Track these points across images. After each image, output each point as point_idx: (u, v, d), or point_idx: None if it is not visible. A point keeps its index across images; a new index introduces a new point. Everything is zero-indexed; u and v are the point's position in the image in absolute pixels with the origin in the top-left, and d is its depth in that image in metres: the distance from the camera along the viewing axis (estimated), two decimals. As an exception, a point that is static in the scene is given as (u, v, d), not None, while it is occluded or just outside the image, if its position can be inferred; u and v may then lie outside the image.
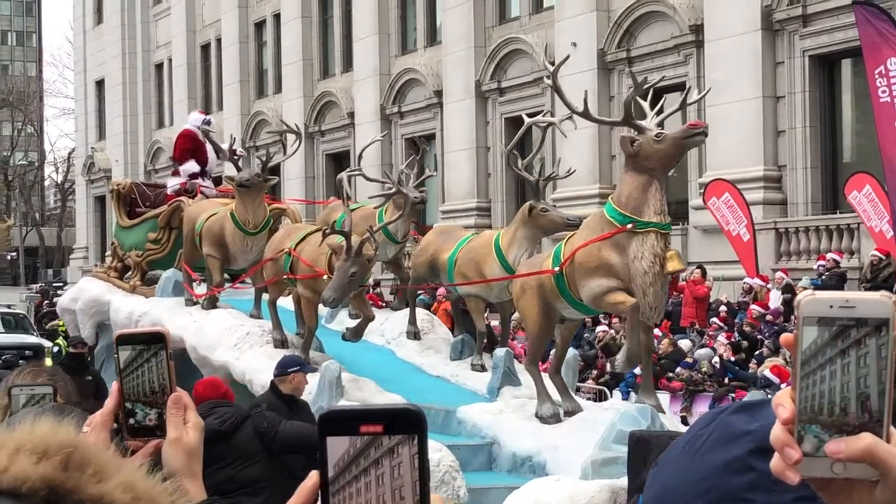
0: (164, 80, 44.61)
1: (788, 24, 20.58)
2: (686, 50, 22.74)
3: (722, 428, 1.36)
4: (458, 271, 10.88)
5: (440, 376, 11.51)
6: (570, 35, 24.81)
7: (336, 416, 1.17)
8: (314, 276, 10.76)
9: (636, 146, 8.59)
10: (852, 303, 1.09)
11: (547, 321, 9.50)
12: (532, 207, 10.05)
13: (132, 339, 1.71)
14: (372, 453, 1.16)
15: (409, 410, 1.17)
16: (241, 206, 12.50)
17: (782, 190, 20.78)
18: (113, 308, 14.90)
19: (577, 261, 8.97)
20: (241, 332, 11.88)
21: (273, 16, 37.19)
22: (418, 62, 30.47)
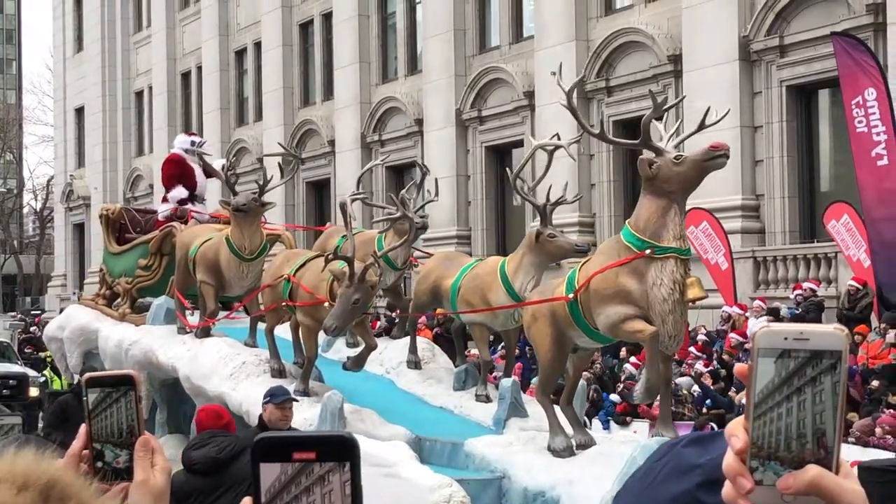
0: (144, 107, 44.60)
1: (766, 55, 20.77)
2: (665, 80, 22.91)
3: (675, 460, 1.38)
4: (462, 298, 10.54)
5: (443, 407, 11.16)
6: (550, 65, 24.86)
7: (269, 443, 1.18)
8: (315, 303, 10.43)
9: (654, 169, 8.24)
10: (806, 335, 1.11)
11: (560, 350, 9.12)
12: (539, 233, 9.71)
13: (101, 382, 1.71)
14: (303, 481, 1.17)
15: (343, 438, 1.18)
16: (236, 230, 12.05)
17: (760, 219, 20.91)
18: (101, 336, 14.52)
19: (592, 287, 8.61)
20: (237, 362, 11.52)
21: (254, 44, 37.27)
22: (399, 91, 30.57)
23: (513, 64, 26.85)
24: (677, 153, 8.29)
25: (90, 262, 46.16)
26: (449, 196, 28.01)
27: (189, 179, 15.24)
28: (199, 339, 12.49)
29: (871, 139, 16.36)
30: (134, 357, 13.12)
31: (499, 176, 28.29)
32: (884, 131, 16.13)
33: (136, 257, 15.14)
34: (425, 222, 11.46)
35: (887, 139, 16.14)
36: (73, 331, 15.52)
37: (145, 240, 15.10)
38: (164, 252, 14.69)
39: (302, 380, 10.69)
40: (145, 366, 12.95)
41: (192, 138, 16.04)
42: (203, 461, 6.79)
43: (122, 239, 15.92)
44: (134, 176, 44.68)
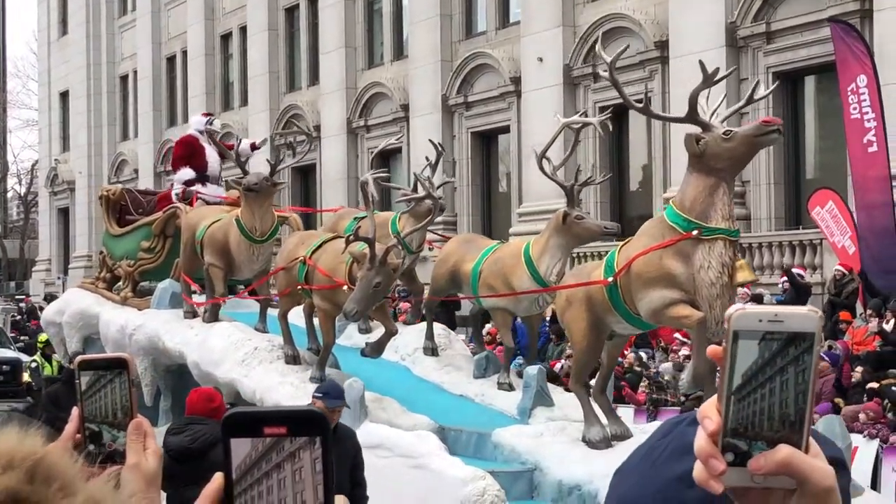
0: (129, 92, 44.44)
1: (752, 41, 20.80)
2: (651, 66, 22.93)
3: (679, 439, 1.37)
4: (484, 283, 10.12)
5: (464, 395, 10.74)
6: (537, 50, 24.96)
7: (240, 418, 1.17)
8: (333, 286, 10.01)
9: (702, 145, 7.81)
10: (781, 317, 1.11)
11: (596, 336, 8.73)
12: (566, 214, 9.33)
13: (94, 365, 1.71)
14: (274, 457, 1.16)
15: (313, 413, 1.17)
16: (247, 211, 11.62)
17: (746, 206, 20.96)
18: (102, 321, 14.12)
19: (634, 270, 8.19)
20: (248, 347, 11.09)
21: (239, 28, 37.14)
22: (385, 76, 30.51)
23: (499, 49, 26.82)
24: (726, 128, 7.89)
25: (75, 246, 46.02)
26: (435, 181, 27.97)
27: (198, 160, 14.82)
28: (207, 323, 12.11)
29: (863, 125, 16.43)
30: (138, 342, 12.81)
31: (485, 162, 28.29)
32: (874, 118, 16.22)
33: (139, 239, 14.77)
34: (443, 204, 10.98)
35: (876, 126, 16.22)
36: (73, 315, 15.16)
37: (148, 221, 14.76)
38: (168, 234, 14.35)
39: (318, 367, 10.35)
40: (150, 351, 12.69)
41: (207, 118, 15.56)
42: (176, 449, 6.74)
43: (122, 221, 15.54)
44: (119, 160, 44.55)
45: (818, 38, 19.51)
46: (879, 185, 16.31)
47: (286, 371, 10.62)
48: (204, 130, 14.83)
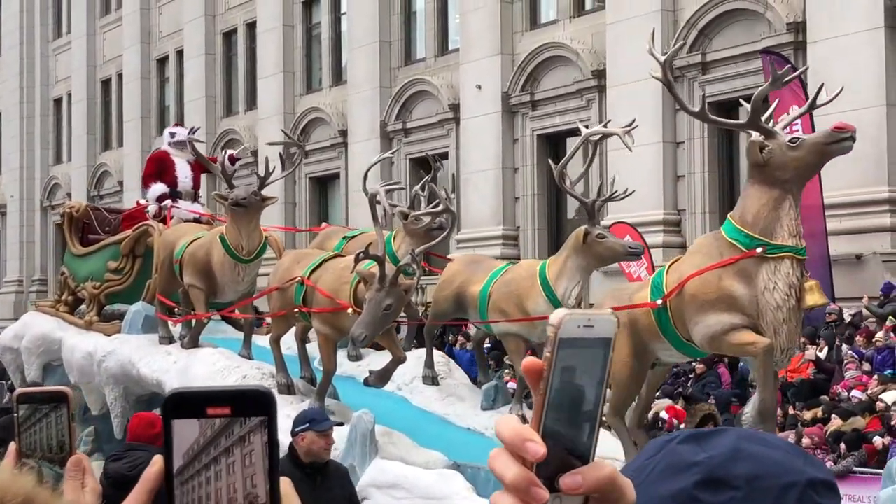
0: (63, 115, 43.92)
1: (688, 71, 21.05)
2: (588, 95, 23.11)
3: (670, 457, 1.34)
4: (495, 307, 9.31)
5: (472, 429, 9.91)
6: (475, 77, 25.07)
7: (181, 398, 1.13)
8: (336, 309, 9.21)
9: (766, 153, 7.17)
10: (592, 322, 1.08)
11: (639, 365, 7.98)
12: (587, 233, 8.62)
13: (33, 398, 1.67)
14: (223, 442, 1.14)
15: (258, 391, 1.14)
16: (233, 228, 10.69)
17: (681, 233, 21.15)
18: (66, 347, 13.16)
19: (689, 292, 7.48)
20: (236, 375, 10.13)
21: (176, 52, 36.91)
22: (323, 101, 30.46)
23: (438, 76, 26.89)
24: (793, 136, 7.37)
25: (5, 271, 45.26)
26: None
27: (168, 175, 13.99)
28: (187, 349, 11.23)
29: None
30: (108, 370, 11.98)
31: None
32: (806, 147, 16.40)
33: (106, 259, 13.82)
34: (443, 222, 10.37)
35: (808, 156, 16.43)
36: (32, 340, 14.21)
37: (116, 240, 13.80)
38: (138, 254, 13.42)
39: (317, 397, 9.50)
40: (122, 379, 11.90)
41: (171, 129, 14.78)
42: (114, 476, 6.63)
43: (86, 240, 14.63)
44: (52, 184, 43.96)
45: (752, 69, 19.77)
46: (813, 213, 16.52)
47: (280, 401, 9.75)
48: (174, 143, 14.08)
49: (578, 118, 23.36)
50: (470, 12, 25.61)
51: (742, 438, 1.32)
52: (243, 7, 33.69)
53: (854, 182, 17.54)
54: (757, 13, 20.00)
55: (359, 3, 28.81)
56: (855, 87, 17.55)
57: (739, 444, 1.31)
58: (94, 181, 40.64)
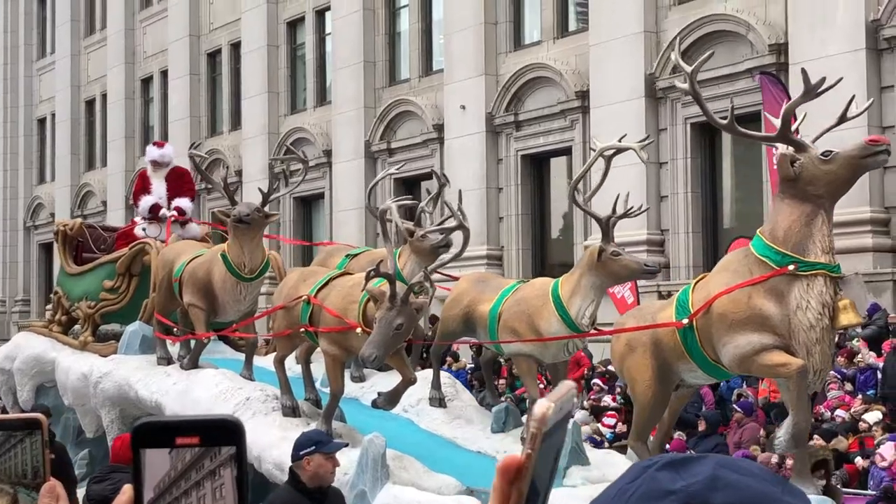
0: (47, 135, 43.81)
1: (671, 93, 21.14)
2: (572, 115, 23.19)
3: (648, 483, 1.32)
4: (506, 326, 8.96)
5: (482, 452, 9.51)
6: (460, 98, 25.14)
7: (150, 428, 1.14)
8: (344, 328, 8.89)
9: (797, 167, 6.96)
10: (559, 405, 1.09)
11: (663, 388, 7.67)
12: (602, 250, 8.32)
13: (6, 425, 1.67)
14: (193, 475, 1.14)
15: (227, 421, 1.15)
16: (235, 246, 10.38)
17: (665, 254, 21.20)
18: (60, 368, 12.81)
19: (717, 311, 7.19)
20: (239, 397, 9.77)
21: (160, 72, 36.89)
22: (307, 121, 30.48)
23: (422, 97, 26.95)
24: (825, 149, 7.07)
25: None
26: (357, 227, 27.97)
27: (145, 193, 13.81)
28: (187, 370, 10.93)
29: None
30: (105, 391, 11.63)
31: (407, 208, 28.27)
32: (791, 169, 16.54)
33: (101, 278, 13.49)
34: (448, 240, 10.01)
35: (794, 176, 16.56)
36: (25, 361, 13.86)
37: (111, 259, 13.53)
38: (134, 273, 13.12)
39: (324, 420, 9.10)
40: (119, 402, 11.56)
41: (150, 147, 14.63)
42: (96, 498, 6.59)
43: (79, 258, 14.36)
44: (35, 204, 43.83)
45: (734, 90, 19.88)
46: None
47: (286, 425, 9.34)
48: (156, 162, 13.93)
49: (562, 139, 23.50)
50: (454, 33, 25.70)
51: (720, 466, 1.31)
52: (228, 27, 33.74)
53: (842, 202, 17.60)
54: (739, 35, 20.12)
55: (343, 24, 28.88)
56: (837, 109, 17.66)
57: (717, 472, 1.30)
58: (77, 201, 40.54)
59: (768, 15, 19.78)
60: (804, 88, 7.29)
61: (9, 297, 44.23)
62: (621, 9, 21.66)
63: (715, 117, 7.88)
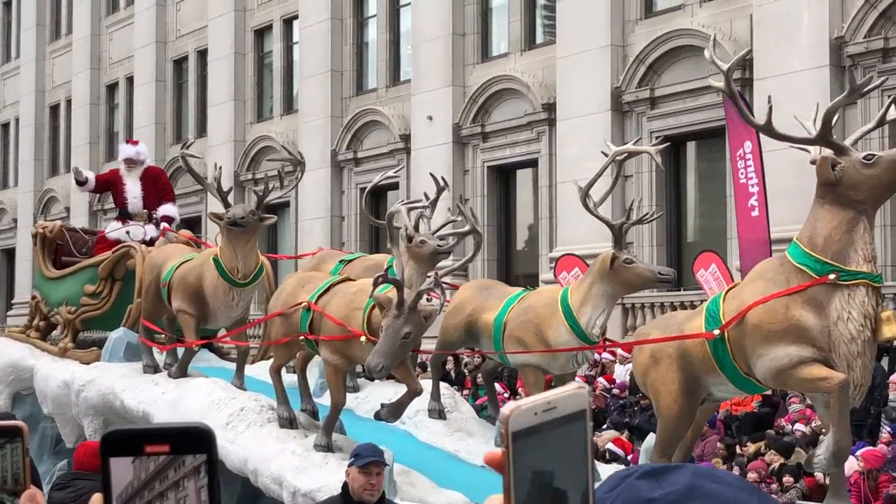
0: (10, 140, 43.46)
1: (637, 106, 21.26)
2: (539, 127, 23.27)
3: (627, 492, 1.35)
4: (512, 336, 8.61)
5: (486, 466, 9.01)
6: (427, 109, 25.18)
7: (119, 436, 1.12)
8: (347, 336, 8.47)
9: (838, 171, 6.66)
10: (553, 403, 1.09)
11: (690, 401, 7.28)
12: (615, 257, 8.02)
13: None
14: (157, 486, 1.12)
15: (198, 429, 1.13)
16: (228, 249, 9.94)
17: (630, 266, 21.24)
18: (39, 375, 12.35)
19: (751, 322, 6.82)
20: (233, 408, 9.32)
21: (126, 78, 36.72)
22: (274, 130, 30.42)
23: (389, 107, 26.96)
24: (867, 152, 6.81)
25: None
26: (323, 236, 27.92)
27: (116, 195, 13.49)
28: (175, 379, 10.50)
29: (747, 190, 16.90)
30: (88, 400, 11.16)
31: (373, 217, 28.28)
32: (756, 183, 16.68)
33: (82, 283, 13.01)
34: (449, 245, 9.64)
35: (758, 191, 16.69)
36: (2, 368, 13.38)
37: (93, 262, 13.03)
38: (117, 277, 12.67)
39: (324, 432, 8.71)
40: (103, 411, 11.08)
41: (122, 145, 14.06)
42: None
43: (58, 262, 13.85)
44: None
45: (700, 104, 20.04)
46: (761, 248, 16.72)
47: (283, 436, 8.94)
48: (130, 160, 13.52)
49: (528, 150, 23.58)
50: (422, 44, 25.74)
51: (698, 475, 1.34)
52: (195, 34, 33.62)
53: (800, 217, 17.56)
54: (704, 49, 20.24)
55: (311, 33, 28.86)
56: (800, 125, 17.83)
57: (695, 481, 1.33)
58: (40, 206, 40.22)
59: (734, 30, 19.94)
60: (849, 87, 6.92)
61: (-31, 303, 43.79)
62: (588, 22, 21.78)
63: (751, 117, 7.65)
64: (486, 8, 25.29)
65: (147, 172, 13.71)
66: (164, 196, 13.79)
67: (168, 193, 13.95)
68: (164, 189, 13.97)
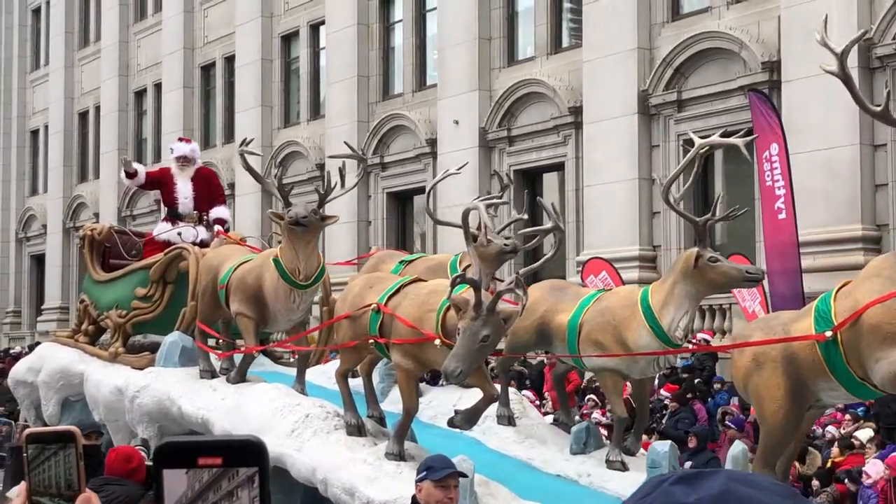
0: (40, 146, 43.78)
1: (664, 109, 21.19)
2: (565, 131, 23.23)
3: (663, 498, 1.36)
4: (588, 338, 8.21)
5: (562, 475, 8.59)
6: (453, 113, 25.18)
7: (173, 448, 1.14)
8: (420, 340, 8.06)
9: None
10: None
11: (796, 407, 6.90)
12: (699, 255, 7.64)
13: (42, 438, 1.69)
14: (210, 496, 1.13)
15: (250, 442, 1.14)
16: (289, 250, 9.51)
17: (657, 269, 21.21)
18: (91, 381, 11.97)
19: (868, 322, 6.39)
20: (298, 415, 8.91)
21: (154, 85, 36.91)
22: (301, 135, 30.50)
23: (416, 111, 26.99)
24: None
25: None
26: (349, 241, 27.97)
27: (167, 195, 13.14)
28: (234, 384, 10.09)
29: (774, 193, 16.84)
30: (143, 406, 10.72)
31: (399, 222, 28.32)
32: (782, 185, 16.60)
33: (133, 286, 12.64)
34: (515, 244, 9.19)
35: (785, 193, 16.62)
36: (51, 374, 13.02)
37: (144, 265, 12.70)
38: (169, 280, 12.36)
39: (396, 440, 8.27)
40: (158, 417, 10.67)
41: (172, 144, 13.82)
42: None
43: (106, 265, 13.49)
44: (27, 215, 43.78)
45: (727, 107, 19.96)
46: (788, 251, 16.66)
47: (352, 444, 8.52)
48: (182, 158, 13.24)
49: (555, 154, 23.53)
50: (448, 48, 25.76)
51: (732, 480, 1.35)
52: (222, 41, 33.77)
53: (828, 220, 17.70)
54: (732, 52, 20.19)
55: (337, 39, 28.93)
56: (828, 127, 17.75)
57: (729, 485, 1.34)
58: (69, 213, 40.50)
59: (761, 33, 19.85)
60: None
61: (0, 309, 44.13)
62: (615, 25, 21.74)
63: (867, 103, 7.22)
64: (512, 12, 25.28)
65: (199, 172, 13.44)
66: (216, 198, 13.51)
67: (220, 195, 13.65)
68: (217, 191, 13.68)
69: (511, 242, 9.00)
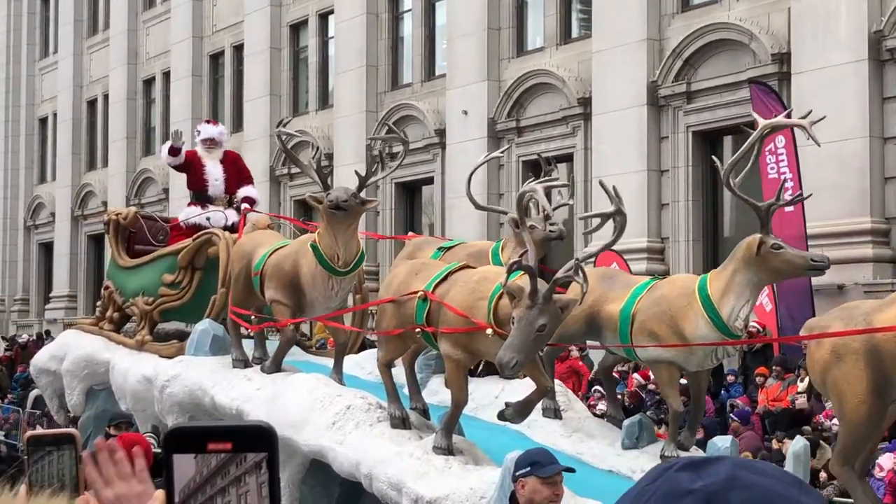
0: (48, 134, 43.84)
1: (673, 101, 21.15)
2: (574, 122, 23.20)
3: (667, 485, 1.36)
4: (642, 328, 7.82)
5: (614, 471, 8.28)
6: (462, 103, 25.17)
7: (183, 433, 1.14)
8: (471, 329, 7.65)
9: None
10: None
11: (880, 403, 6.59)
12: (762, 242, 7.35)
13: (43, 440, 1.69)
14: (218, 481, 1.14)
15: (259, 427, 1.15)
16: (328, 235, 9.19)
17: (665, 261, 21.20)
18: (117, 370, 11.66)
19: None
20: (339, 406, 8.56)
21: (163, 73, 36.93)
22: (309, 124, 30.49)
23: (424, 101, 26.97)
24: None
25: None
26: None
27: (196, 178, 12.85)
28: (269, 374, 9.75)
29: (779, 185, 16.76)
30: (174, 396, 10.37)
31: (408, 212, 28.32)
32: (790, 178, 16.55)
33: (160, 272, 12.35)
34: (562, 231, 8.87)
35: (793, 186, 16.56)
36: (75, 362, 12.71)
37: (172, 251, 12.40)
38: (198, 266, 12.06)
39: (444, 432, 7.90)
40: (189, 408, 10.33)
41: (199, 126, 13.65)
42: None
43: (131, 250, 13.21)
44: (35, 203, 43.86)
45: (737, 98, 19.89)
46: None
47: (397, 438, 8.18)
48: (208, 141, 13.05)
49: (563, 145, 23.50)
50: (457, 38, 25.73)
51: (738, 467, 1.35)
52: (231, 30, 33.77)
53: (837, 213, 17.66)
54: (742, 44, 20.13)
55: (346, 28, 28.91)
56: (839, 119, 17.70)
57: (736, 472, 1.34)
58: (78, 201, 40.57)
59: (771, 24, 19.79)
60: None
61: (8, 297, 44.23)
62: (624, 16, 21.69)
63: None
64: (521, 2, 25.24)
65: (227, 155, 13.33)
66: (243, 180, 13.34)
67: (248, 177, 13.51)
68: (244, 172, 13.54)
69: (557, 228, 8.68)
